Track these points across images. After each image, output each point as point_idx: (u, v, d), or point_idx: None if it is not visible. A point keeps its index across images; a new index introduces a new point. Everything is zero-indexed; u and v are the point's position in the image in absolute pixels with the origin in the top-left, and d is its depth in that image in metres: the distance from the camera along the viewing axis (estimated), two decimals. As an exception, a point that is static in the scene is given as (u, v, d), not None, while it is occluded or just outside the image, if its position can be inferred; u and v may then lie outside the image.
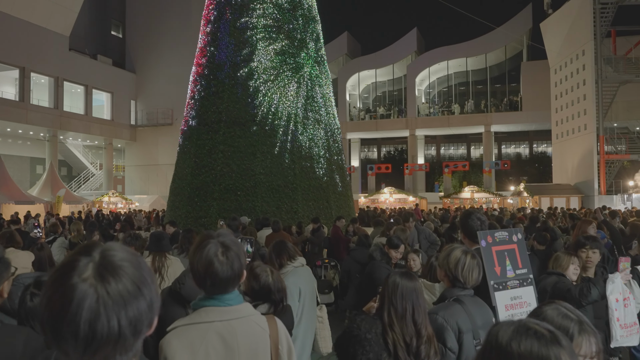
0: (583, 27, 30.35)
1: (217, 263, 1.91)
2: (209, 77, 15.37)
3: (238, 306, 1.98)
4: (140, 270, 1.04)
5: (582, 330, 1.44)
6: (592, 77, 29.65)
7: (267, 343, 1.99)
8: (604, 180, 29.61)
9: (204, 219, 14.37)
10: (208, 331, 1.90)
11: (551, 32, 35.26)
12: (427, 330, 2.28)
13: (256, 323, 2.00)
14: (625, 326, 3.78)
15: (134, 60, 40.20)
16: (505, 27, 41.63)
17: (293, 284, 3.96)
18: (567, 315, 1.46)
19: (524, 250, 3.46)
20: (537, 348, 1.11)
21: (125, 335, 0.97)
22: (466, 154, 55.13)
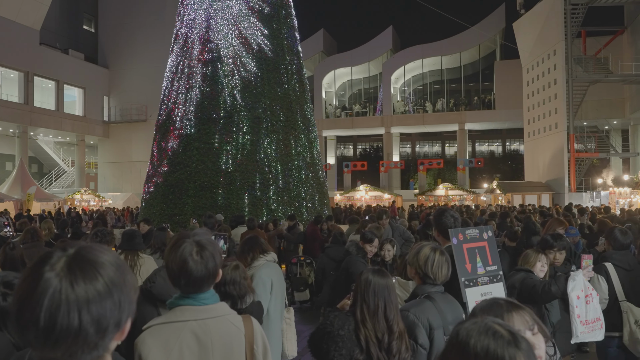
0: (554, 28, 30.93)
1: (192, 262, 1.92)
2: (183, 74, 15.25)
3: (213, 305, 1.98)
4: (119, 273, 1.05)
5: (510, 309, 1.50)
6: (562, 76, 30.24)
7: (242, 342, 2.00)
8: (574, 178, 30.26)
9: (179, 216, 14.28)
10: (183, 330, 1.90)
11: (523, 32, 35.84)
12: (399, 326, 2.33)
13: (231, 322, 2.01)
14: (586, 322, 3.90)
15: (107, 55, 39.54)
16: (479, 26, 42.16)
17: (266, 275, 3.98)
18: (495, 301, 1.54)
19: (494, 247, 3.54)
20: (494, 348, 1.13)
21: (87, 331, 0.97)
22: (441, 151, 55.70)
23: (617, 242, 4.54)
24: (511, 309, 1.51)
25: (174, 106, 15.27)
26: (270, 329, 4.04)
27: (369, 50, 46.57)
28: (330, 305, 4.69)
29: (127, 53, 38.28)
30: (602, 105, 34.51)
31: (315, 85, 45.13)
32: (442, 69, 46.71)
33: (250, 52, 14.99)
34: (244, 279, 3.15)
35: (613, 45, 33.79)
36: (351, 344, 2.24)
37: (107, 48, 39.54)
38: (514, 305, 1.53)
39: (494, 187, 32.72)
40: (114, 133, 39.37)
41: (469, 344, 1.16)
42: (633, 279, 4.37)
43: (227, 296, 3.09)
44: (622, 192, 23.68)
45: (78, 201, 30.22)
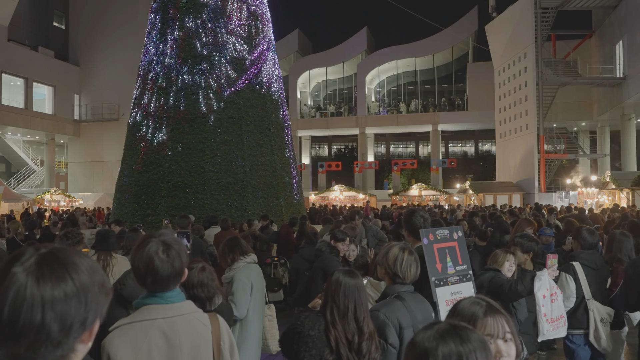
0: (525, 31, 31.50)
1: (158, 261, 1.94)
2: (156, 72, 15.07)
3: (180, 303, 2.01)
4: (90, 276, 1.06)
5: (488, 312, 1.51)
6: (533, 79, 30.83)
7: (209, 339, 2.03)
8: (543, 178, 30.88)
9: (152, 217, 14.11)
10: (150, 328, 1.92)
11: (495, 35, 36.41)
12: (369, 327, 2.35)
13: (198, 320, 2.04)
14: (552, 320, 4.01)
15: (78, 52, 38.79)
16: (452, 28, 42.69)
17: (246, 277, 4.01)
18: (477, 302, 1.55)
19: (464, 247, 3.61)
20: (452, 348, 1.16)
21: (50, 328, 0.98)
22: (415, 152, 56.20)
23: (586, 241, 4.65)
24: (488, 313, 1.52)
25: (147, 105, 15.08)
26: (250, 329, 4.05)
27: (343, 50, 46.75)
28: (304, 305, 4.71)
29: (99, 50, 37.62)
30: (571, 107, 35.29)
31: (290, 85, 45.10)
32: (415, 70, 47.18)
33: (225, 52, 14.90)
34: (211, 280, 3.15)
35: (581, 48, 34.59)
36: (321, 345, 2.25)
37: (78, 45, 38.79)
38: (493, 309, 1.53)
39: (467, 187, 33.18)
40: (85, 132, 38.67)
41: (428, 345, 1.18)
42: (599, 278, 4.49)
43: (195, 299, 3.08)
44: (589, 192, 24.25)
45: (48, 201, 29.61)
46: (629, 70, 29.34)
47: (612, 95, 31.62)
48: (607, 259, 4.69)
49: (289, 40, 48.76)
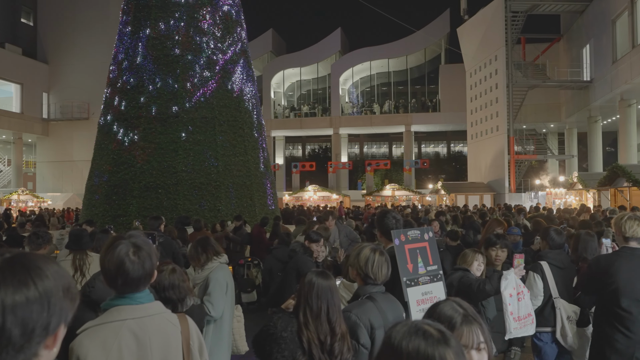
0: (496, 34, 32.04)
1: (129, 262, 1.95)
2: (128, 71, 14.86)
3: (149, 304, 2.02)
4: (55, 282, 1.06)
5: (465, 321, 1.53)
6: (503, 81, 31.37)
7: (178, 339, 2.05)
8: (513, 179, 31.45)
9: (123, 217, 13.91)
10: (120, 329, 1.92)
11: (467, 37, 36.93)
12: (341, 328, 2.37)
13: (168, 320, 2.05)
14: (519, 319, 4.10)
15: (47, 50, 37.94)
16: (425, 30, 43.16)
17: (222, 277, 4.01)
18: (455, 309, 1.57)
19: (435, 247, 3.66)
20: (424, 347, 1.17)
21: (11, 333, 0.98)
22: (388, 152, 56.64)
23: (553, 241, 4.76)
24: (464, 322, 1.54)
25: (119, 104, 14.86)
26: (223, 329, 4.06)
27: (317, 51, 46.83)
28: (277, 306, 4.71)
29: (69, 48, 36.87)
30: (540, 109, 36.03)
31: (264, 85, 44.97)
32: (389, 71, 47.54)
33: (197, 52, 14.78)
34: (182, 282, 3.13)
35: (550, 52, 35.37)
36: (294, 346, 2.27)
37: (46, 42, 37.94)
38: (469, 318, 1.55)
39: (439, 187, 33.57)
40: (54, 131, 37.86)
41: (401, 345, 1.19)
42: (566, 276, 4.60)
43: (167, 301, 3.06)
44: (557, 192, 24.79)
45: (15, 202, 28.91)
46: (595, 73, 30.10)
47: (580, 97, 32.39)
48: (574, 258, 4.81)
49: (263, 40, 48.62)
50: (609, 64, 27.94)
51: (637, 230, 3.64)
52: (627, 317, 3.54)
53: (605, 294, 3.63)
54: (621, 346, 3.55)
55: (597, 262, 3.75)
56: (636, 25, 25.29)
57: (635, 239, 3.65)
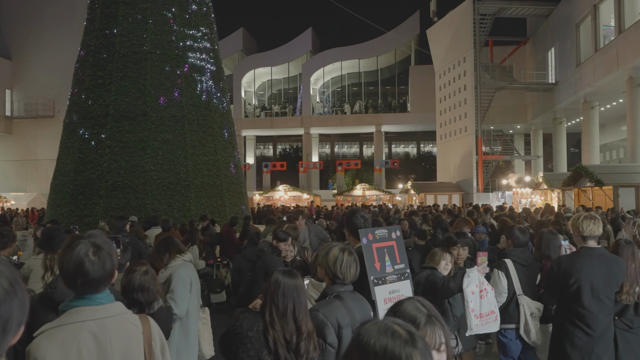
0: (464, 36, 32.51)
1: (88, 263, 1.91)
2: (96, 68, 14.58)
3: (109, 305, 1.98)
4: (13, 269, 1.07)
5: (428, 322, 1.56)
6: (471, 82, 31.86)
7: (140, 340, 2.02)
8: (481, 179, 31.98)
9: (89, 217, 13.65)
10: (80, 330, 1.88)
11: (436, 39, 37.37)
12: (307, 326, 2.37)
13: (129, 321, 2.02)
14: (480, 316, 4.18)
15: (10, 45, 36.83)
16: (395, 31, 43.50)
17: (185, 274, 3.96)
18: (419, 308, 1.59)
19: (402, 246, 3.69)
20: (392, 347, 1.18)
21: None
22: (359, 152, 56.94)
23: (517, 240, 4.86)
24: (427, 323, 1.56)
25: (85, 102, 14.57)
26: (189, 329, 4.01)
27: (288, 50, 46.75)
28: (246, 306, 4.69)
29: (34, 43, 35.87)
30: (507, 110, 36.72)
31: (235, 84, 44.68)
32: (360, 71, 47.79)
33: (166, 49, 14.59)
34: (153, 285, 3.10)
35: (517, 54, 36.08)
36: (259, 345, 2.26)
37: (9, 37, 36.83)
38: (432, 319, 1.57)
39: (409, 187, 33.91)
40: (17, 129, 36.82)
41: (369, 343, 1.20)
42: (529, 274, 4.71)
43: (134, 303, 3.02)
44: (523, 192, 25.31)
45: (-25, 202, 28.04)
46: (560, 76, 30.83)
47: (545, 99, 33.13)
48: (537, 256, 4.93)
49: (234, 39, 48.28)
50: (573, 67, 28.66)
51: (594, 229, 3.74)
52: (587, 315, 3.64)
53: (567, 294, 3.72)
54: (582, 343, 3.65)
55: (558, 264, 3.84)
56: (599, 30, 26.01)
57: (593, 238, 3.76)
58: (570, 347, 3.68)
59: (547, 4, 31.82)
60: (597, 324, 3.64)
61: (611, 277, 3.70)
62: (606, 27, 26.01)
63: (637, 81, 22.91)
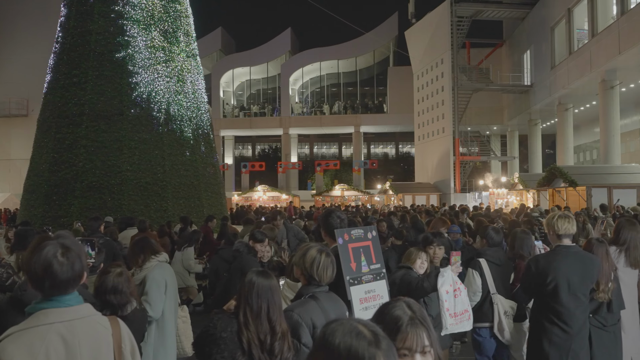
0: (442, 38, 32.81)
1: (57, 264, 1.88)
2: (71, 66, 14.36)
3: (78, 306, 1.95)
4: None
5: (411, 324, 1.54)
6: (449, 84, 32.18)
7: (109, 342, 1.99)
8: (458, 179, 32.32)
9: (63, 218, 13.43)
10: (48, 333, 1.85)
11: (414, 41, 37.64)
12: (282, 327, 2.37)
13: (98, 323, 1.99)
14: (455, 315, 4.23)
15: (-18, 43, 36.04)
16: (374, 32, 43.70)
17: (160, 275, 3.92)
18: (404, 310, 1.57)
19: (378, 246, 3.71)
20: (355, 347, 1.19)
21: None
22: (338, 153, 57.05)
23: (491, 239, 4.93)
24: (410, 325, 1.54)
25: (59, 101, 14.33)
26: (166, 330, 3.98)
27: (267, 50, 46.62)
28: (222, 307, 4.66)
29: (7, 41, 35.10)
30: (484, 112, 37.17)
31: (213, 84, 44.39)
32: (339, 72, 47.89)
33: (144, 47, 14.44)
34: (127, 287, 3.06)
35: (493, 56, 36.55)
36: (233, 346, 2.25)
37: (-19, 35, 36.03)
38: (416, 321, 1.55)
39: (387, 188, 34.08)
40: (-11, 128, 36.05)
41: (333, 343, 1.21)
42: (503, 273, 4.77)
43: (106, 305, 2.99)
44: (500, 192, 25.65)
45: (-55, 202, 27.37)
46: (535, 78, 31.32)
47: (521, 101, 33.62)
48: (510, 256, 5.00)
49: (212, 38, 47.98)
50: (548, 70, 29.13)
51: (569, 228, 3.82)
52: (564, 312, 3.70)
53: (545, 292, 3.77)
54: (559, 340, 3.70)
55: (536, 262, 3.89)
56: (573, 33, 26.49)
57: (568, 236, 3.83)
58: (548, 344, 3.73)
59: (522, 7, 32.30)
60: (575, 321, 3.70)
61: (587, 274, 3.77)
62: (580, 30, 26.50)
63: (610, 84, 23.38)
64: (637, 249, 4.76)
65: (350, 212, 16.56)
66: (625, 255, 4.72)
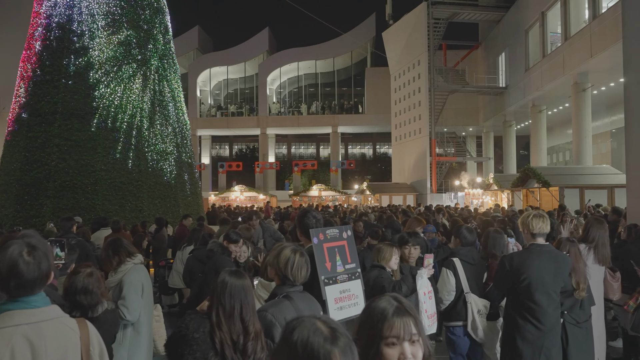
0: (419, 39, 33.09)
1: (23, 264, 1.84)
2: (43, 63, 14.08)
3: (45, 308, 1.91)
4: None
5: (397, 313, 1.53)
6: (426, 85, 32.47)
7: (77, 345, 1.95)
8: (435, 180, 32.62)
9: (35, 219, 13.16)
10: (13, 335, 1.80)
11: (392, 42, 37.89)
12: (255, 327, 2.35)
13: (66, 325, 1.95)
14: (431, 316, 4.30)
15: (-50, 38, 35.13)
16: (351, 33, 43.86)
17: (137, 279, 3.87)
18: (390, 302, 1.57)
19: (353, 246, 3.72)
20: (311, 343, 1.21)
21: None
22: (315, 153, 57.09)
23: (465, 239, 4.99)
24: (396, 314, 1.53)
25: (31, 98, 14.04)
26: (142, 333, 3.92)
27: (245, 50, 46.42)
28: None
29: (-25, 37, 34.30)
30: (460, 113, 37.58)
31: (190, 83, 44.03)
32: (316, 72, 47.94)
33: (119, 45, 14.24)
34: (97, 288, 3.02)
35: (469, 58, 36.98)
36: (206, 347, 2.23)
37: (-50, 31, 35.12)
38: (402, 310, 1.54)
39: (364, 188, 34.23)
40: (-42, 126, 35.15)
41: (292, 339, 1.23)
42: (477, 272, 4.83)
43: (76, 306, 2.94)
44: (475, 193, 25.95)
45: None
46: (510, 80, 31.79)
47: (496, 103, 34.08)
48: (484, 255, 5.07)
49: (189, 37, 47.57)
50: (522, 72, 29.58)
51: (543, 227, 3.90)
52: (537, 310, 3.77)
53: (518, 289, 3.83)
54: (532, 337, 3.77)
55: (510, 260, 3.95)
56: (546, 36, 26.95)
57: (542, 235, 3.91)
58: (521, 341, 3.79)
59: (497, 10, 32.74)
60: (547, 318, 3.77)
61: (559, 272, 3.85)
62: (553, 33, 26.98)
63: (582, 86, 23.85)
64: (605, 247, 4.90)
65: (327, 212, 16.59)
66: (594, 252, 4.85)
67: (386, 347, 1.51)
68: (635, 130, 7.79)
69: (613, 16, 19.34)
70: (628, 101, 8.01)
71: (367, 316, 1.58)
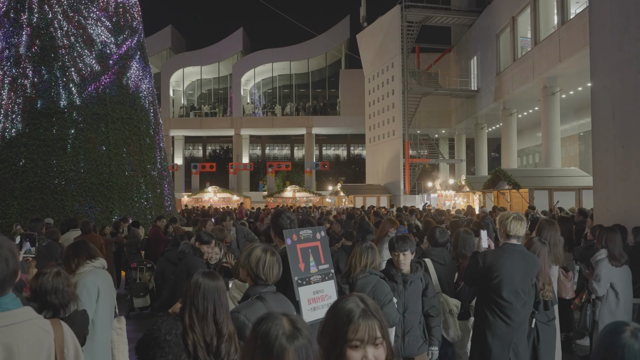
0: (392, 42, 33.35)
1: None
2: (10, 61, 13.75)
3: (17, 310, 1.86)
4: None
5: (363, 316, 1.54)
6: (399, 88, 32.74)
7: (51, 347, 1.90)
8: (408, 181, 32.91)
9: (2, 220, 12.85)
10: None
11: (366, 44, 38.11)
12: (229, 328, 2.34)
13: (39, 327, 1.90)
14: None
15: None
16: (326, 35, 43.96)
17: (91, 282, 3.69)
18: (357, 304, 1.58)
19: (327, 246, 3.73)
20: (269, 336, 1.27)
21: None
22: (289, 154, 57.01)
23: (436, 240, 5.06)
24: (361, 317, 1.54)
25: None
26: (97, 339, 3.75)
27: (219, 50, 46.12)
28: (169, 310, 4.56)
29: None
30: (433, 115, 38.00)
31: (163, 83, 43.53)
32: (291, 73, 47.91)
33: (89, 43, 14.00)
34: (67, 287, 2.96)
35: (442, 61, 37.43)
36: (178, 349, 2.20)
37: None
38: (368, 313, 1.55)
39: (338, 189, 34.32)
40: None
41: (257, 328, 1.31)
42: (447, 272, 4.90)
43: (48, 306, 2.88)
44: (447, 194, 26.26)
45: None
46: (482, 84, 32.27)
47: (468, 105, 34.56)
48: (454, 255, 5.14)
49: (162, 36, 47.06)
50: (493, 75, 30.07)
51: (519, 230, 4.01)
52: (507, 307, 3.85)
53: (489, 286, 3.92)
54: (501, 332, 3.86)
55: (484, 257, 4.03)
56: (517, 41, 27.45)
57: (516, 237, 4.01)
58: (491, 337, 3.87)
59: (469, 15, 33.22)
60: (516, 315, 3.86)
61: (528, 272, 3.94)
62: (523, 38, 27.49)
63: (551, 90, 24.36)
64: (557, 247, 5.04)
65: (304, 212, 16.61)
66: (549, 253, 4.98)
67: (350, 349, 1.53)
68: (602, 134, 8.00)
69: (581, 22, 19.81)
70: (594, 105, 8.21)
71: (332, 316, 1.59)
